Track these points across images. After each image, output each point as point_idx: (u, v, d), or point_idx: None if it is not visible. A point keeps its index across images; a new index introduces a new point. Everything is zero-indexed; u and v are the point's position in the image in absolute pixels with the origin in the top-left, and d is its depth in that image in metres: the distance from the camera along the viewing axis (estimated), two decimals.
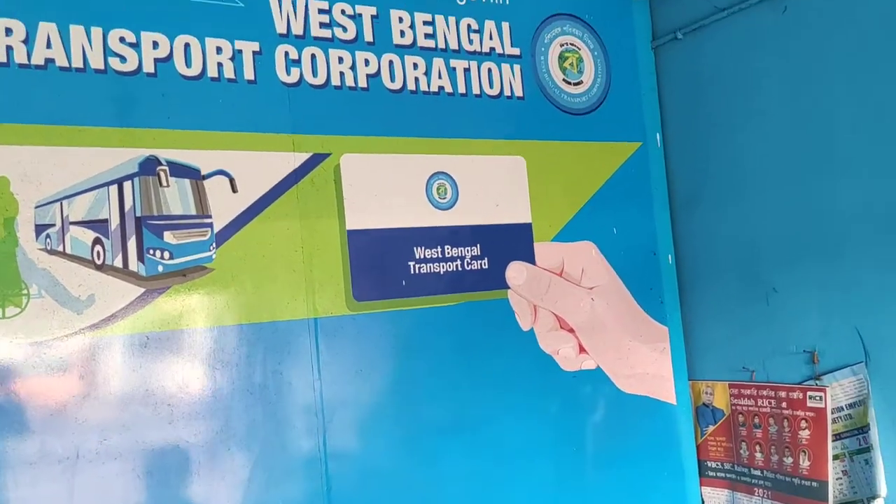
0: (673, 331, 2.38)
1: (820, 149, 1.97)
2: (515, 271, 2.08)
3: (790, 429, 2.07)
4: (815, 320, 2.02)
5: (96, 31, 1.59)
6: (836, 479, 1.97)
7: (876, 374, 1.89)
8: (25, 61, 1.52)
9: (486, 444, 2.02)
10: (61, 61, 1.55)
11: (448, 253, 1.98)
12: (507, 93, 2.13)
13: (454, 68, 2.05)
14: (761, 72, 2.10)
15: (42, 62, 1.53)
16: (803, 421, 2.03)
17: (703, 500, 2.35)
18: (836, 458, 1.98)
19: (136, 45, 1.63)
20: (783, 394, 2.09)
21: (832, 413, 1.98)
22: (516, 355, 2.07)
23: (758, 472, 2.18)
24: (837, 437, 1.98)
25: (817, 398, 2.00)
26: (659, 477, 2.32)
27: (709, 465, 2.34)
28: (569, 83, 2.24)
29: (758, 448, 2.17)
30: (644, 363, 2.30)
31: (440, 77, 2.02)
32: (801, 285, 2.05)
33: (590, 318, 2.19)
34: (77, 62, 1.56)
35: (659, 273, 2.36)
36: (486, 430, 2.02)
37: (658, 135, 2.40)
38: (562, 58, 2.24)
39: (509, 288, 2.07)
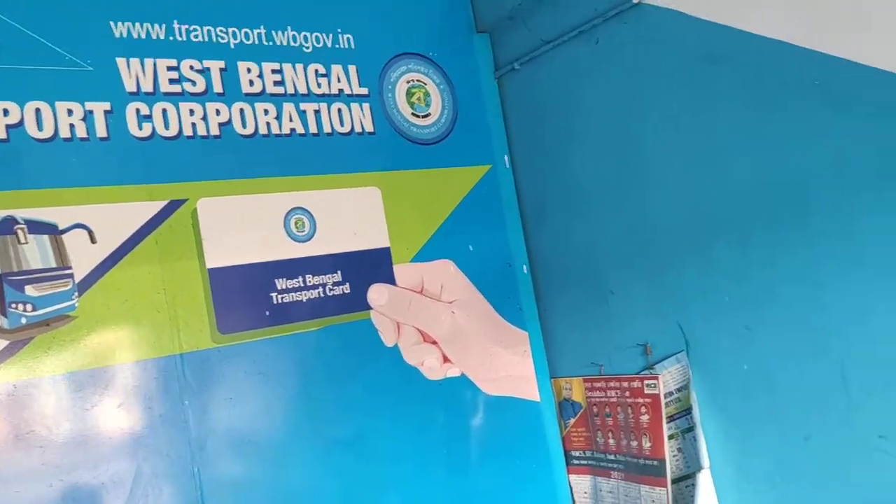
0: (533, 334, 2.60)
1: (634, 165, 2.21)
2: (377, 293, 2.26)
3: (633, 415, 2.30)
4: (646, 316, 2.27)
5: None
6: (673, 457, 2.21)
7: (694, 360, 2.13)
8: None
9: (361, 458, 2.17)
10: None
11: (309, 282, 2.14)
12: (357, 129, 2.31)
13: (304, 111, 2.21)
14: (581, 97, 2.34)
15: None
16: (643, 407, 2.27)
17: (570, 487, 2.57)
18: (671, 437, 2.22)
19: None
20: (625, 384, 2.33)
21: (665, 398, 2.22)
22: (382, 370, 2.25)
23: (612, 457, 2.41)
24: (671, 418, 2.22)
25: (652, 385, 2.24)
26: (530, 469, 2.53)
27: (573, 454, 2.57)
28: (417, 116, 2.44)
29: (610, 435, 2.41)
30: (507, 366, 2.51)
31: (291, 120, 2.19)
32: (633, 287, 2.29)
33: (452, 330, 2.38)
34: None
35: (515, 283, 2.58)
36: (359, 444, 2.18)
37: (506, 157, 2.62)
38: (409, 93, 2.43)
39: (372, 309, 2.25)
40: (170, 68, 2.01)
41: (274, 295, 2.08)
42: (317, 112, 2.24)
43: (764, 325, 1.95)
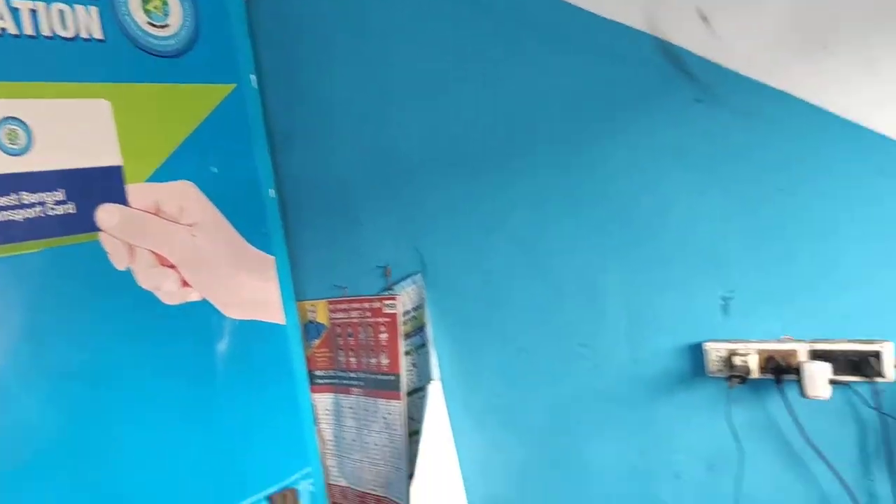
0: (280, 259, 2.59)
1: (381, 93, 2.25)
2: (106, 213, 2.12)
3: (373, 334, 2.41)
4: (388, 241, 2.36)
5: None
6: (408, 371, 2.35)
7: (429, 281, 2.27)
8: None
9: (94, 390, 2.05)
10: None
11: (25, 199, 1.96)
12: (84, 35, 2.11)
13: (18, 9, 1.98)
14: (331, 19, 2.32)
15: None
16: (382, 326, 2.38)
17: (313, 406, 2.64)
18: (407, 353, 2.35)
19: None
20: (367, 305, 2.42)
21: (403, 317, 2.34)
22: (114, 295, 2.13)
23: (353, 375, 2.51)
24: (407, 336, 2.35)
25: (391, 306, 2.35)
26: (276, 392, 2.56)
27: (317, 374, 2.64)
28: (154, 26, 2.28)
29: (351, 354, 2.50)
30: (252, 290, 2.50)
31: (2, 19, 1.95)
32: (378, 212, 2.36)
33: (191, 254, 2.31)
34: None
35: (262, 207, 2.55)
36: (91, 375, 2.05)
37: (252, 76, 2.54)
38: (145, 0, 2.26)
39: (101, 231, 2.11)
40: None
41: None
42: (33, 11, 2.01)
43: (492, 249, 2.11)
